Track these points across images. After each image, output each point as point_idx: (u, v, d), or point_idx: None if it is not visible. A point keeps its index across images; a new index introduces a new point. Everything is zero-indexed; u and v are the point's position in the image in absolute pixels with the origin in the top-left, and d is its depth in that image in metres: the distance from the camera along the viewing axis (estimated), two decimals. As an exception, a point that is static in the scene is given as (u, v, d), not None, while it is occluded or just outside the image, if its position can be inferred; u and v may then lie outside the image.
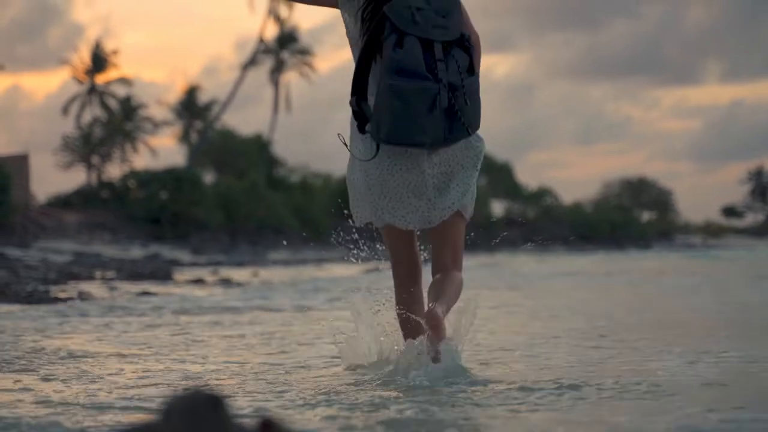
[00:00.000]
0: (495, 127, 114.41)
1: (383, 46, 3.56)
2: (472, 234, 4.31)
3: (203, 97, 57.01)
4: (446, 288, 3.74)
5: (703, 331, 6.37)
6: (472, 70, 3.65)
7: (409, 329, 3.81)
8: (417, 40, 3.53)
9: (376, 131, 3.58)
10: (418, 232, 3.92)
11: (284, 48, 55.88)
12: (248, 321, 7.37)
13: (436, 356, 3.66)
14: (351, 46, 3.80)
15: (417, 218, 3.76)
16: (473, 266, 18.35)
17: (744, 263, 24.90)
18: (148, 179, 40.72)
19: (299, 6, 60.38)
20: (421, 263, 3.94)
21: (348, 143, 3.78)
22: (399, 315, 3.89)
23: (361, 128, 3.66)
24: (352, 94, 3.63)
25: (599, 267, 22.44)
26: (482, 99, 3.74)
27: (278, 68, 55.77)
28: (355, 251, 4.39)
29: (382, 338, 4.22)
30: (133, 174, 43.01)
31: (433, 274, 3.87)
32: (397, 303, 3.91)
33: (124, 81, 52.79)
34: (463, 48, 3.61)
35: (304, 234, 40.83)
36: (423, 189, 3.70)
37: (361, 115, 3.64)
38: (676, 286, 13.01)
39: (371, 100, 3.62)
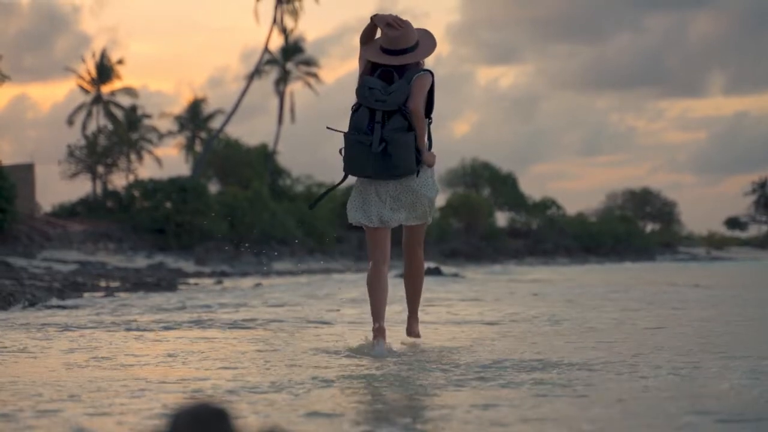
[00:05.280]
0: (499, 138, 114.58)
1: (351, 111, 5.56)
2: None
3: (208, 108, 57.14)
4: (416, 289, 5.93)
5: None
6: (410, 128, 5.42)
7: (372, 297, 5.68)
8: (366, 108, 5.47)
9: (344, 167, 5.56)
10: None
11: (289, 59, 55.95)
12: (251, 332, 7.40)
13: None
14: None
15: (377, 220, 5.62)
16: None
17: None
18: (152, 189, 40.73)
19: (305, 17, 60.58)
20: (389, 253, 5.72)
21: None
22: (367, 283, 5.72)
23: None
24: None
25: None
26: (486, 110, 4.78)
27: (283, 79, 55.84)
28: None
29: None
30: (138, 184, 43.01)
31: (404, 256, 5.86)
32: (368, 277, 5.75)
33: (129, 91, 52.89)
34: (402, 115, 5.41)
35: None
36: (381, 202, 5.60)
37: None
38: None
39: None
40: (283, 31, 50.96)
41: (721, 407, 3.76)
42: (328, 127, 5.68)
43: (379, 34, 5.71)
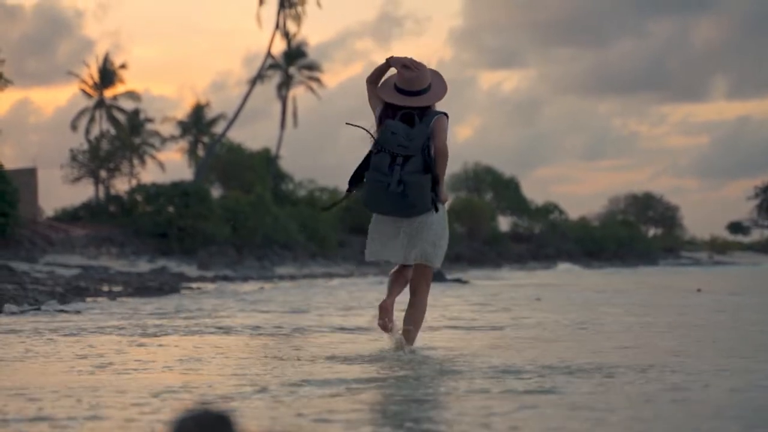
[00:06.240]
0: (502, 143, 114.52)
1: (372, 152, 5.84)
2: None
3: (211, 112, 57.20)
4: (416, 318, 5.94)
5: None
6: (427, 170, 5.71)
7: (389, 292, 6.01)
8: (387, 152, 5.72)
9: (363, 202, 5.84)
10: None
11: (292, 63, 55.99)
12: (254, 337, 7.38)
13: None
14: None
15: (398, 256, 5.92)
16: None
17: None
18: (155, 193, 40.72)
19: (307, 21, 60.29)
20: (405, 280, 6.04)
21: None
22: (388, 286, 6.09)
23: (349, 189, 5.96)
24: (349, 183, 5.91)
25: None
26: (488, 114, 4.94)
27: (286, 83, 55.88)
28: None
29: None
30: (141, 188, 43.01)
31: (411, 291, 6.00)
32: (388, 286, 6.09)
33: (132, 95, 52.96)
34: (424, 159, 5.71)
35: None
36: (398, 238, 5.88)
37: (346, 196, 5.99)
38: None
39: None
40: (286, 35, 51.02)
41: (743, 412, 3.73)
42: (347, 123, 5.94)
43: (389, 73, 5.98)
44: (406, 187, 5.68)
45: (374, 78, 6.00)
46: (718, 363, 5.27)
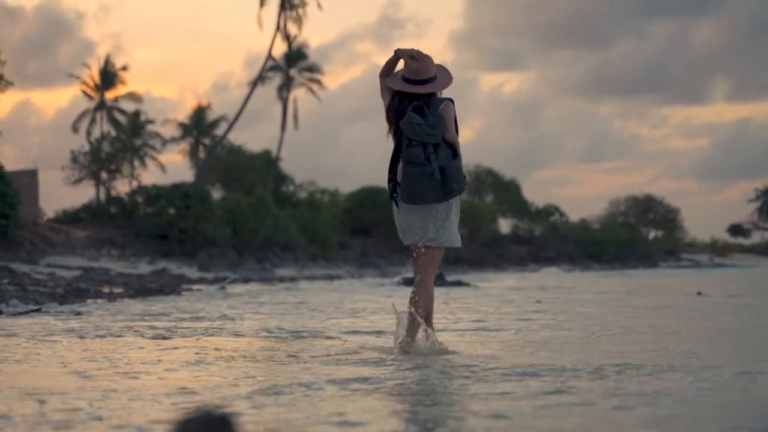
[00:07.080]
0: (503, 145, 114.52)
1: (402, 147, 6.00)
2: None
3: (212, 114, 57.21)
4: (425, 300, 6.07)
5: None
6: (455, 155, 6.01)
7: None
8: (419, 143, 5.94)
9: (401, 196, 6.06)
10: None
11: (293, 65, 56.00)
12: (257, 340, 7.38)
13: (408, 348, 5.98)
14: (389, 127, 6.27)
15: (411, 239, 6.18)
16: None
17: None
18: (156, 195, 40.73)
19: (308, 23, 60.27)
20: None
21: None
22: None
23: (391, 196, 6.19)
24: (389, 180, 6.13)
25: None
26: (489, 116, 5.12)
27: (286, 85, 55.90)
28: None
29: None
30: (142, 190, 43.03)
31: (420, 273, 6.18)
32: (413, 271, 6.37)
33: (133, 97, 52.98)
34: (447, 144, 5.99)
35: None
36: (427, 224, 6.12)
37: (391, 190, 6.15)
38: None
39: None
40: (287, 37, 51.00)
41: (760, 413, 3.72)
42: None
43: (399, 66, 6.25)
44: (447, 173, 5.96)
45: (386, 71, 6.27)
46: (732, 364, 5.23)
